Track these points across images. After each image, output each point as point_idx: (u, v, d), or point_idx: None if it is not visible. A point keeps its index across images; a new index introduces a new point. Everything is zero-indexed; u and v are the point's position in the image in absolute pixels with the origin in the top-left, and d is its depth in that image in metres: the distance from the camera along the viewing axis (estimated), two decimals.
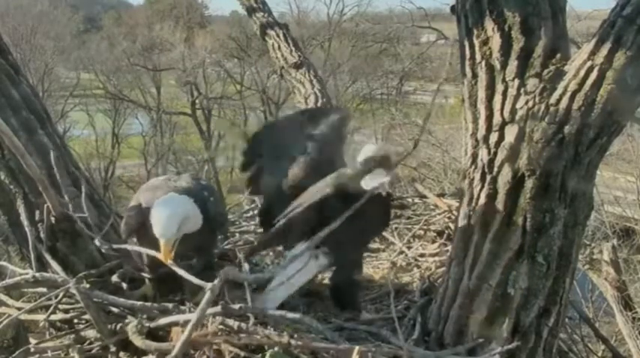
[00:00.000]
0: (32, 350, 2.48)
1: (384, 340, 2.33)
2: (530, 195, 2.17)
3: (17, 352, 2.47)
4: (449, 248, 2.75)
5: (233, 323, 2.20)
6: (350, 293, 2.64)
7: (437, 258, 3.24)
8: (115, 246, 2.64)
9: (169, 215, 2.32)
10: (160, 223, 2.30)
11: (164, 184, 2.57)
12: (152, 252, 2.37)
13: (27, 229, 2.81)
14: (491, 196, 2.26)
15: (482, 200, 2.29)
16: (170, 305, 2.45)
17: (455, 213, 3.34)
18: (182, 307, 2.47)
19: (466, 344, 2.33)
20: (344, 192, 2.33)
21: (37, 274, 2.66)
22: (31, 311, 2.59)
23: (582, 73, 2.06)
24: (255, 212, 3.78)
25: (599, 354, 4.85)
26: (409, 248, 3.43)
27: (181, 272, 2.26)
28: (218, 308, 2.27)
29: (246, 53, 26.81)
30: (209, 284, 2.08)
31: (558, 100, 2.10)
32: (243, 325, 2.20)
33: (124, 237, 2.57)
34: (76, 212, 2.87)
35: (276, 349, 2.15)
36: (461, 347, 2.32)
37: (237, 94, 27.78)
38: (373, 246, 3.35)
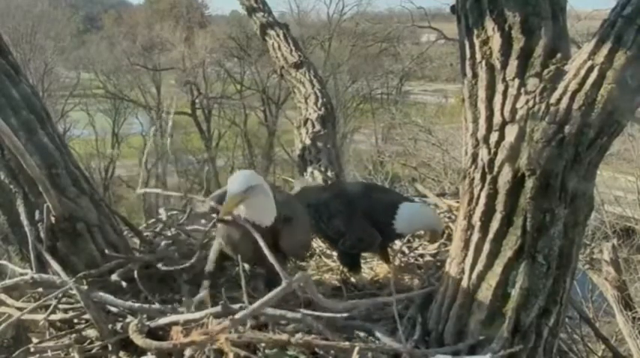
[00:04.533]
0: (32, 349, 2.48)
1: (384, 339, 2.33)
2: (530, 195, 2.17)
3: (17, 352, 2.47)
4: (449, 248, 2.75)
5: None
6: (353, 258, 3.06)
7: (437, 258, 3.24)
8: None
9: (242, 174, 2.44)
10: (232, 179, 2.41)
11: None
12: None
13: (27, 229, 2.80)
14: (491, 196, 2.25)
15: (482, 200, 2.28)
16: (169, 306, 2.46)
17: (455, 213, 3.35)
18: (180, 308, 2.47)
19: (466, 340, 2.33)
20: None
21: (36, 275, 2.66)
22: (31, 311, 2.59)
23: (582, 72, 2.06)
24: None
25: (599, 354, 4.84)
26: (409, 248, 3.43)
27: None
28: (218, 308, 2.28)
29: (246, 53, 26.83)
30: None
31: (558, 100, 2.09)
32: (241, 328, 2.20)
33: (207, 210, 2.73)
34: (77, 212, 2.87)
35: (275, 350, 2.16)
36: (461, 345, 2.32)
37: (237, 94, 27.80)
38: None
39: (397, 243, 3.42)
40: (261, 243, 2.29)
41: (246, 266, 2.63)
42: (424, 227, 3.11)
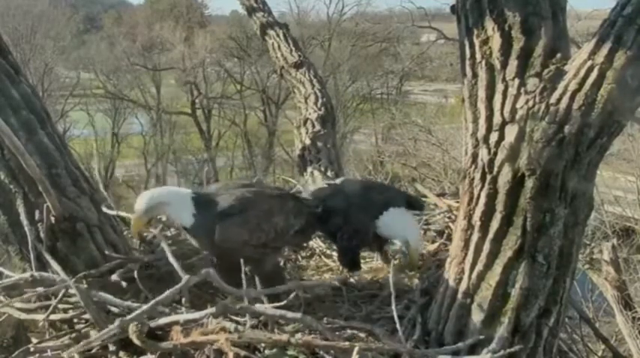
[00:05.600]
0: (32, 349, 2.48)
1: (384, 340, 2.33)
2: (530, 194, 2.17)
3: (17, 352, 2.47)
4: (449, 248, 2.75)
5: (230, 324, 2.21)
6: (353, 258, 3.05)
7: (437, 258, 3.23)
8: None
9: (142, 197, 2.56)
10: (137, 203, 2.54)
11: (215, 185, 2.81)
12: None
13: (27, 229, 2.80)
14: (491, 196, 2.26)
15: (482, 200, 2.28)
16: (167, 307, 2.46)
17: (455, 212, 3.35)
18: (179, 308, 2.47)
19: (466, 340, 2.33)
20: None
21: (36, 274, 2.66)
22: (30, 311, 2.59)
23: (582, 72, 2.06)
24: None
25: (599, 354, 4.85)
26: None
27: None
28: (218, 308, 2.28)
29: (246, 53, 26.84)
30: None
31: (558, 100, 2.09)
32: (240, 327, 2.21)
33: None
34: (77, 212, 2.87)
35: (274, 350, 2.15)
36: (461, 344, 2.32)
37: (237, 94, 27.80)
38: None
39: (397, 243, 3.41)
40: (166, 247, 2.51)
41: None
42: (402, 237, 3.03)
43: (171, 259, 2.36)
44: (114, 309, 2.51)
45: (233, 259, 2.46)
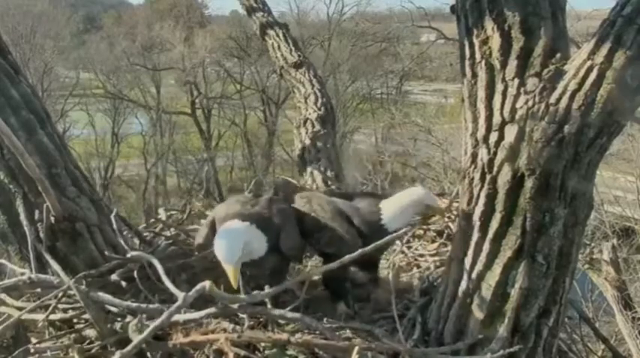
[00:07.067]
0: (32, 350, 2.48)
1: (383, 340, 2.33)
2: (530, 194, 2.17)
3: (17, 352, 2.47)
4: (449, 248, 2.75)
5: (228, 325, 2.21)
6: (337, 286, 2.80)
7: (437, 258, 3.23)
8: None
9: (229, 244, 2.36)
10: (221, 252, 2.35)
11: (237, 207, 2.61)
12: None
13: (26, 229, 2.80)
14: (491, 196, 2.25)
15: (482, 200, 2.28)
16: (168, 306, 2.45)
17: (455, 212, 3.35)
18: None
19: (466, 340, 2.33)
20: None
21: (33, 275, 2.65)
22: (30, 310, 2.59)
23: (582, 72, 2.06)
24: None
25: (599, 354, 4.85)
26: (409, 248, 3.43)
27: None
28: (217, 308, 2.28)
29: (246, 53, 26.86)
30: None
31: (558, 100, 2.09)
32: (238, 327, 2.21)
33: (196, 247, 2.72)
34: (76, 212, 2.87)
35: (274, 350, 2.16)
36: (461, 343, 2.32)
37: (237, 94, 27.82)
38: None
39: (397, 243, 3.42)
40: (158, 265, 2.41)
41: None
42: (418, 210, 2.81)
43: (164, 278, 2.32)
44: (113, 309, 2.51)
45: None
